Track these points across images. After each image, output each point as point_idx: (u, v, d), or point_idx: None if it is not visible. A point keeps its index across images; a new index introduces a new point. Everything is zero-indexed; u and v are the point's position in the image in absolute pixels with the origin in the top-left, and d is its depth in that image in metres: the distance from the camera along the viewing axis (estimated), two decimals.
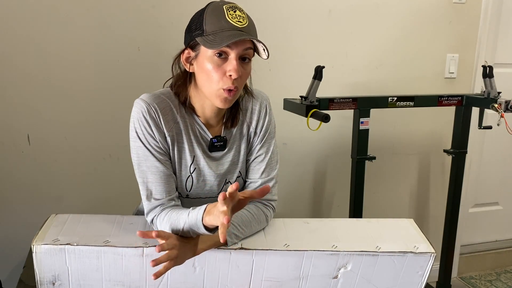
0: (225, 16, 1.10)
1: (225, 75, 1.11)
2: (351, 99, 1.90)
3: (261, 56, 1.15)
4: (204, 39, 1.10)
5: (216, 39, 1.08)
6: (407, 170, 2.50)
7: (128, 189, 1.62)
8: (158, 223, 1.17)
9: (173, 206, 1.20)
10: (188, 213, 1.10)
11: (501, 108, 1.91)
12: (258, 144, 1.31)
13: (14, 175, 1.84)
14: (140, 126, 1.17)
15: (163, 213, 1.18)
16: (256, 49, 1.14)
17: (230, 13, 1.11)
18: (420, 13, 2.28)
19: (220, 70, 1.11)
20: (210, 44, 1.08)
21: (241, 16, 1.12)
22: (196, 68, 1.16)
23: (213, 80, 1.12)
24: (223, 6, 1.12)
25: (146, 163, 1.18)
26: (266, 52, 1.12)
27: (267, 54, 1.12)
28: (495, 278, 2.77)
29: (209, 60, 1.11)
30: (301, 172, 2.28)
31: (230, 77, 1.10)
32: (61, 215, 1.27)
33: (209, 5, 1.14)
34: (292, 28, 2.09)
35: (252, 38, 1.10)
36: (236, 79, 1.11)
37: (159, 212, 1.18)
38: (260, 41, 1.10)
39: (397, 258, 1.20)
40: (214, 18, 1.10)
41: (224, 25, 1.09)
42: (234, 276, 1.20)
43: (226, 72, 1.11)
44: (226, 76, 1.11)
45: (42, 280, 1.16)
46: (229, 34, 1.08)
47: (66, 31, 1.78)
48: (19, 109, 1.80)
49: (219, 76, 1.11)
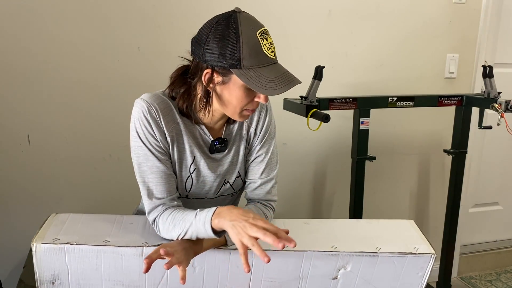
0: (262, 49, 1.07)
1: (253, 100, 1.14)
2: (351, 99, 1.90)
3: None
4: (244, 74, 1.06)
5: (261, 80, 1.05)
6: (407, 170, 2.50)
7: (128, 189, 1.63)
8: (161, 223, 1.17)
9: (176, 206, 1.20)
10: (196, 214, 1.10)
11: (501, 108, 1.91)
12: (258, 145, 1.30)
13: (14, 175, 1.85)
14: (141, 126, 1.16)
15: (166, 212, 1.17)
16: None
17: (265, 42, 1.08)
18: (420, 13, 2.28)
19: (250, 97, 1.13)
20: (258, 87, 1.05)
21: (271, 43, 1.11)
22: (221, 90, 1.13)
23: (241, 104, 1.13)
24: (256, 33, 1.07)
25: (147, 163, 1.18)
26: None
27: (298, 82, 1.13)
28: (495, 278, 2.77)
29: (241, 89, 1.10)
30: (301, 172, 2.28)
31: (257, 102, 1.15)
32: (61, 214, 1.27)
33: (242, 30, 1.05)
34: (292, 28, 2.09)
35: (297, 84, 1.10)
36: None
37: (162, 212, 1.18)
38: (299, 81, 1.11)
39: (397, 259, 1.20)
40: (252, 50, 1.06)
41: (262, 59, 1.08)
42: (234, 276, 1.20)
43: (255, 98, 1.14)
44: (254, 101, 1.14)
45: (41, 279, 1.16)
46: (274, 76, 1.07)
47: (66, 31, 1.78)
48: (19, 109, 1.80)
49: (248, 101, 1.14)
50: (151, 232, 1.21)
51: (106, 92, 1.88)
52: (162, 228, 1.16)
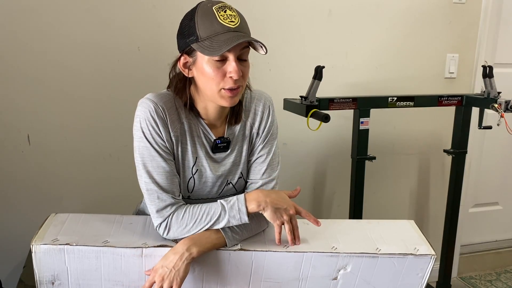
0: (217, 18, 1.09)
1: (225, 76, 1.12)
2: (351, 99, 1.90)
3: (259, 52, 1.15)
4: (200, 45, 1.09)
5: (213, 44, 1.08)
6: (407, 170, 2.50)
7: (128, 189, 1.62)
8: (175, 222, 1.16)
9: (184, 204, 1.20)
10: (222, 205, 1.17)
11: (501, 108, 1.91)
12: (260, 145, 1.31)
13: (14, 175, 1.84)
14: (147, 126, 1.16)
15: (180, 210, 1.17)
16: (252, 45, 1.15)
17: (221, 14, 1.10)
18: (420, 13, 2.28)
19: (220, 72, 1.12)
20: (208, 51, 1.08)
21: (232, 15, 1.11)
22: (195, 72, 1.16)
23: (214, 82, 1.12)
24: (213, 7, 1.11)
25: (152, 163, 1.17)
26: (263, 48, 1.12)
27: (265, 50, 1.12)
28: (495, 278, 2.77)
29: (208, 64, 1.12)
30: (301, 172, 2.28)
31: (231, 78, 1.11)
32: (60, 214, 1.27)
33: (198, 8, 1.13)
34: (292, 28, 2.09)
35: (248, 40, 1.10)
36: (238, 79, 1.12)
37: (175, 210, 1.17)
38: (257, 40, 1.10)
39: (397, 260, 1.20)
40: (206, 22, 1.10)
41: (218, 28, 1.09)
42: (234, 277, 1.20)
43: (226, 74, 1.12)
44: (227, 77, 1.12)
45: (41, 280, 1.16)
46: (225, 38, 1.08)
47: (66, 31, 1.78)
48: (19, 109, 1.80)
49: (220, 77, 1.12)
50: (151, 233, 1.21)
51: (106, 92, 1.88)
52: (176, 226, 1.16)
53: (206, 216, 1.15)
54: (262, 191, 1.20)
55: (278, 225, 1.19)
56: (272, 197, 1.19)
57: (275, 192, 1.22)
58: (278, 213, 1.18)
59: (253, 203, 1.17)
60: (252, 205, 1.17)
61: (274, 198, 1.19)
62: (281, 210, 1.18)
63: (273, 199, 1.18)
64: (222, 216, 1.16)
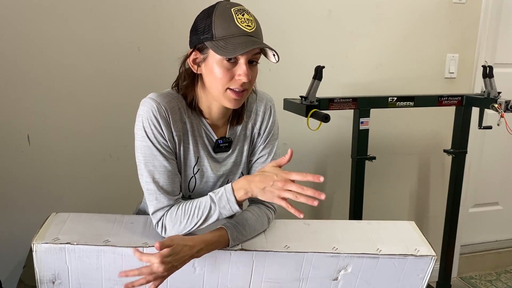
0: (235, 21, 1.10)
1: (233, 78, 1.13)
2: (351, 99, 1.90)
3: (270, 59, 1.16)
4: (215, 44, 1.10)
5: (228, 46, 1.08)
6: (407, 170, 2.50)
7: (128, 189, 1.63)
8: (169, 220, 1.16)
9: (178, 202, 1.20)
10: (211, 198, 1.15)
11: (501, 108, 1.91)
12: (261, 145, 1.31)
13: (14, 175, 1.84)
14: (150, 125, 1.16)
15: (173, 208, 1.17)
16: (263, 52, 1.16)
17: (239, 16, 1.11)
18: (420, 13, 2.28)
19: (229, 73, 1.12)
20: (222, 51, 1.08)
21: (250, 19, 1.12)
22: (204, 70, 1.16)
23: (221, 82, 1.13)
24: (231, 9, 1.11)
25: (154, 163, 1.17)
26: (276, 56, 1.13)
27: (276, 59, 1.14)
28: (495, 278, 2.78)
29: (218, 63, 1.12)
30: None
31: (240, 80, 1.12)
32: (61, 213, 1.27)
33: (217, 7, 1.13)
34: (292, 28, 2.09)
35: (264, 46, 1.11)
36: (246, 82, 1.13)
37: (168, 210, 1.18)
38: (271, 48, 1.11)
39: (397, 260, 1.20)
40: (223, 22, 1.10)
41: (234, 30, 1.09)
42: (234, 277, 1.20)
43: (235, 76, 1.13)
44: (235, 79, 1.13)
45: (42, 279, 1.16)
46: (240, 41, 1.08)
47: (66, 31, 1.78)
48: (19, 109, 1.80)
49: (228, 78, 1.13)
50: (151, 232, 1.21)
51: (106, 92, 1.88)
52: (171, 224, 1.16)
53: (198, 210, 1.15)
54: (246, 177, 1.14)
55: (279, 201, 1.10)
56: (255, 180, 1.11)
57: (258, 173, 1.14)
58: (268, 192, 1.10)
59: (241, 191, 1.13)
60: (240, 193, 1.13)
61: (257, 180, 1.11)
62: (269, 187, 1.09)
63: (256, 181, 1.11)
64: (212, 208, 1.14)
